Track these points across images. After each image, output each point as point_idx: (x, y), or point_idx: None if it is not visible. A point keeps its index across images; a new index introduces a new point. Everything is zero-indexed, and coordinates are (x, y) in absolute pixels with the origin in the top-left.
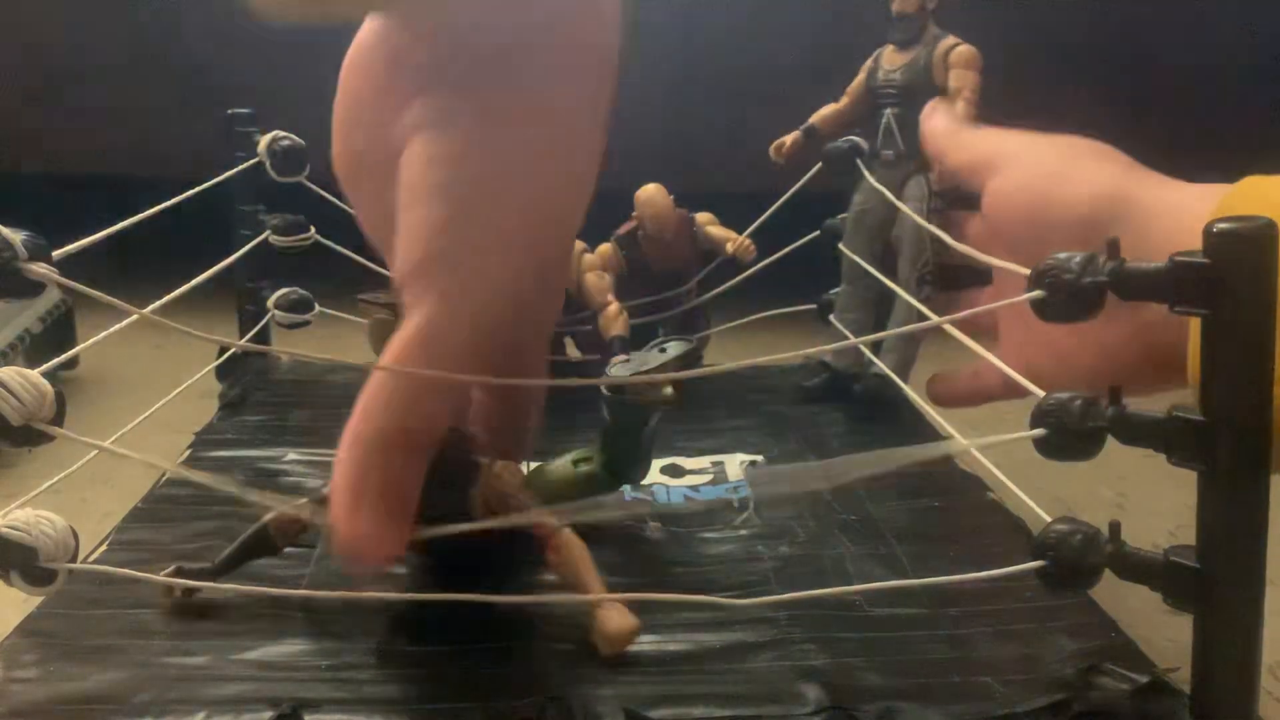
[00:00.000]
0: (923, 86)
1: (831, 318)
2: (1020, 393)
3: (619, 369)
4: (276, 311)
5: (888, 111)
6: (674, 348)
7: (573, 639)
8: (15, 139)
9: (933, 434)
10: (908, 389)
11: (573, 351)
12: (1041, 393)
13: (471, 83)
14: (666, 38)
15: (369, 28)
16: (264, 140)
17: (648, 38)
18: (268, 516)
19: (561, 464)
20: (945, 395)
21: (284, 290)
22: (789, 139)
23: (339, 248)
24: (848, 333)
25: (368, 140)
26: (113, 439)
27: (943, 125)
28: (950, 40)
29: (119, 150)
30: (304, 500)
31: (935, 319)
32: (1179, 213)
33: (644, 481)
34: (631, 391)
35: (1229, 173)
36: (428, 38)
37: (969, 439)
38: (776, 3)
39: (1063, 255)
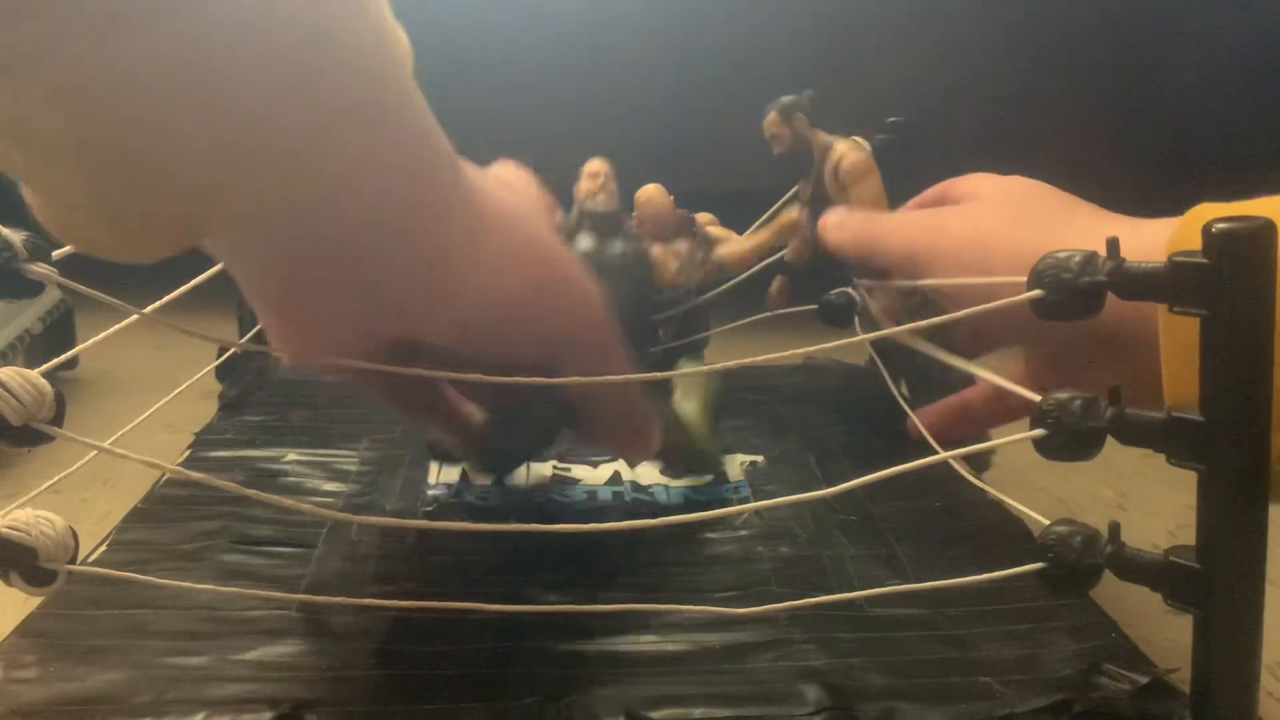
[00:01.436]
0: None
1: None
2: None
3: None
4: None
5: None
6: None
7: (573, 639)
8: None
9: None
10: (898, 392)
11: None
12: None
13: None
14: (666, 38)
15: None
16: None
17: (648, 38)
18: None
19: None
20: (931, 426)
21: None
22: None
23: None
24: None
25: None
26: (113, 439)
27: (851, 228)
28: (835, 148)
29: None
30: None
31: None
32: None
33: (644, 483)
34: None
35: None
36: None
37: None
38: (776, 4)
39: (1062, 254)
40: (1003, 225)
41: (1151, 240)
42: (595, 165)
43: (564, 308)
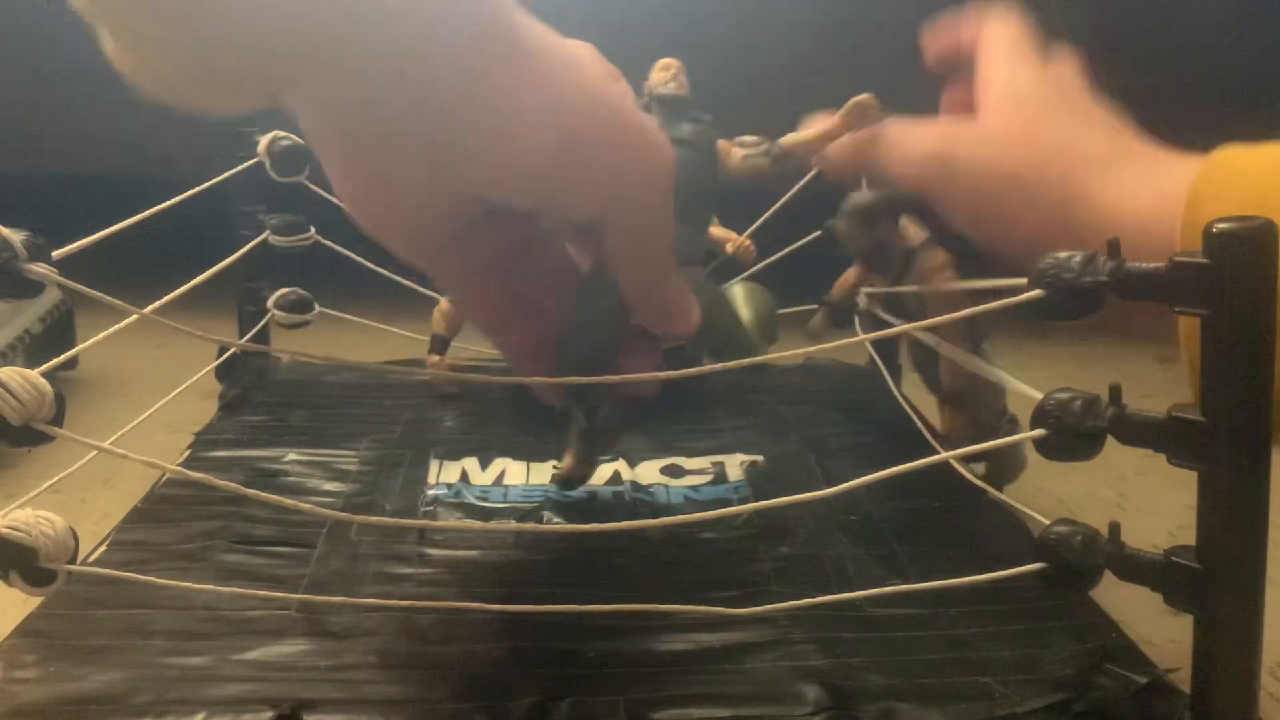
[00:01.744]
0: None
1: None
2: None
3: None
4: (276, 312)
5: None
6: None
7: (573, 639)
8: (15, 139)
9: (933, 434)
10: (898, 392)
11: None
12: None
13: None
14: (664, 37)
15: None
16: (264, 140)
17: (646, 37)
18: None
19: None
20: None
21: (284, 290)
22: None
23: (339, 248)
24: (860, 331)
25: None
26: (113, 439)
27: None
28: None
29: (119, 150)
30: None
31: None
32: (1146, 202)
33: (643, 482)
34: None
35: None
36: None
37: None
38: (775, 3)
39: (1063, 254)
40: (1021, 163)
41: (1178, 185)
42: (667, 60)
43: (618, 164)
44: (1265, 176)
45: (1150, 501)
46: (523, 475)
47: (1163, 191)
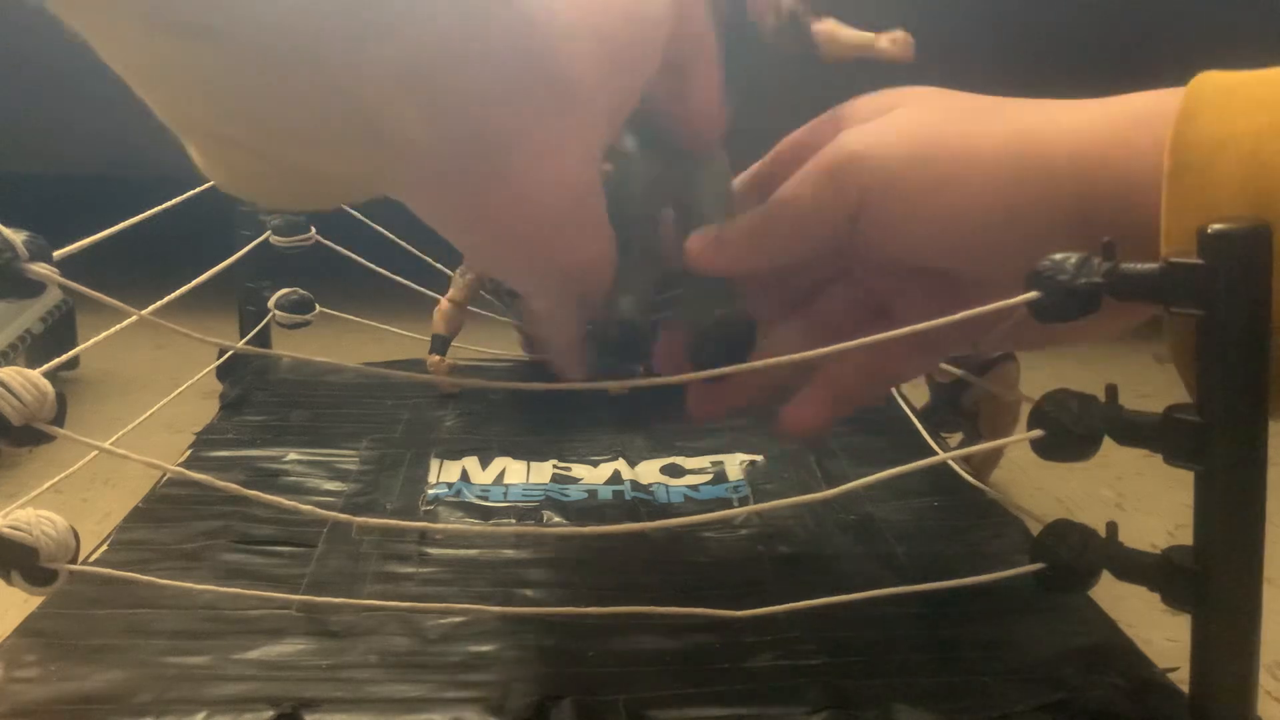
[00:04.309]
0: None
1: None
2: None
3: None
4: (277, 312)
5: None
6: None
7: (573, 639)
8: (15, 139)
9: (931, 435)
10: (898, 393)
11: None
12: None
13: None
14: None
15: None
16: None
17: None
18: None
19: None
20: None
21: (284, 290)
22: None
23: (339, 248)
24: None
25: None
26: (113, 439)
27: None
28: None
29: (119, 150)
30: None
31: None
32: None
33: (643, 481)
34: None
35: None
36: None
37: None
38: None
39: (1058, 256)
40: (950, 124)
41: (1150, 110)
42: None
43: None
44: (1267, 85)
45: (1149, 501)
46: (523, 474)
47: (1118, 117)
